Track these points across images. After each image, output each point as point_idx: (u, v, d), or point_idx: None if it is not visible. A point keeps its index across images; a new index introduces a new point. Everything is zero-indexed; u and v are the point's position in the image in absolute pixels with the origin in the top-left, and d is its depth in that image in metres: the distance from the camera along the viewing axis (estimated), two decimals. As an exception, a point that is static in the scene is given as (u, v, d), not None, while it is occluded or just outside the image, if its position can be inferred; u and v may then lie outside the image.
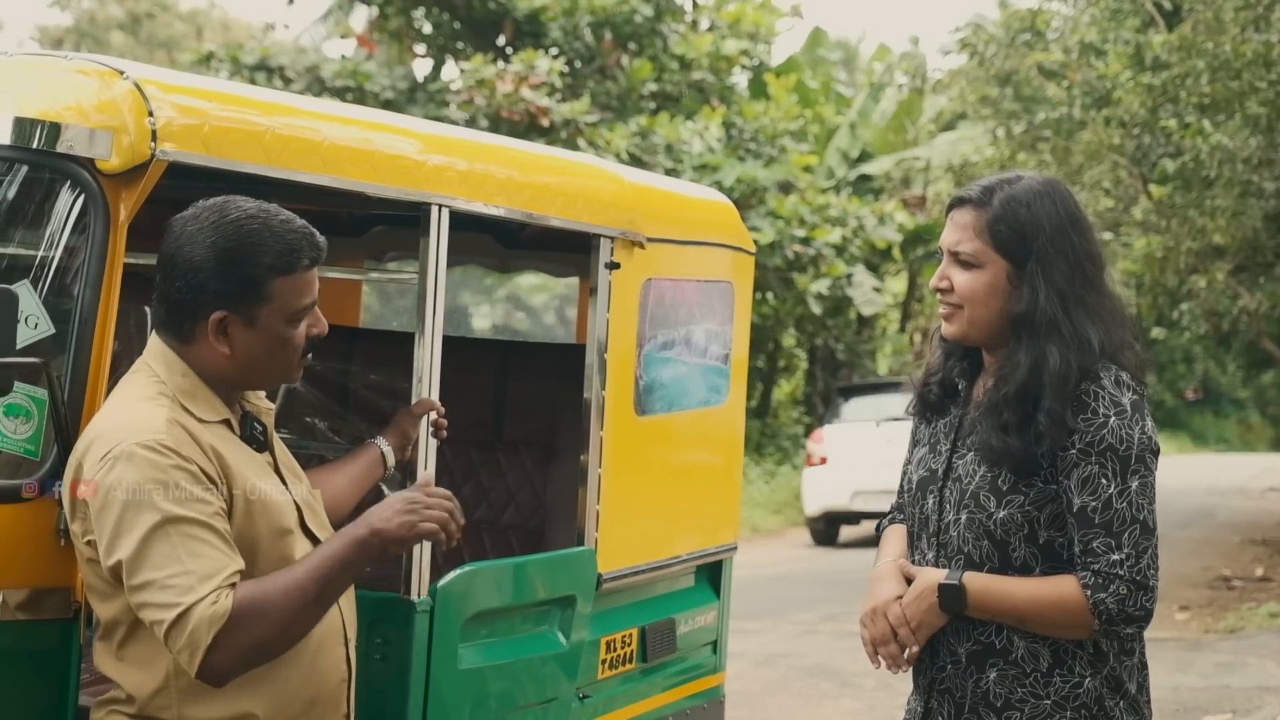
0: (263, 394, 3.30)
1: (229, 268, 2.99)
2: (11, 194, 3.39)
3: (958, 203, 3.23)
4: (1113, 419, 3.04)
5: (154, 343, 3.09)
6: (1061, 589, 3.06)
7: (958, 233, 3.19)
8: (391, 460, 3.80)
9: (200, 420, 3.01)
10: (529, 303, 25.44)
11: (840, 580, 14.20)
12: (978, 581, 3.12)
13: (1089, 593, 3.02)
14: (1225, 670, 10.21)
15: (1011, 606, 3.10)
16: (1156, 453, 3.13)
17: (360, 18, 23.23)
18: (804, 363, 25.42)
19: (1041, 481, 3.10)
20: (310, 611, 2.94)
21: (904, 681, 3.45)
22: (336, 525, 3.43)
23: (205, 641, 2.80)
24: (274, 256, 3.01)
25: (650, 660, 4.94)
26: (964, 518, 3.15)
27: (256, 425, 3.17)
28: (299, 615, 2.91)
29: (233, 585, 2.85)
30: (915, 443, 3.38)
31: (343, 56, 21.65)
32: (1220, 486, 25.55)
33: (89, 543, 2.94)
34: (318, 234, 3.11)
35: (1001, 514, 3.11)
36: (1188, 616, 12.62)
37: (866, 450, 17.02)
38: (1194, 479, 26.31)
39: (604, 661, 4.71)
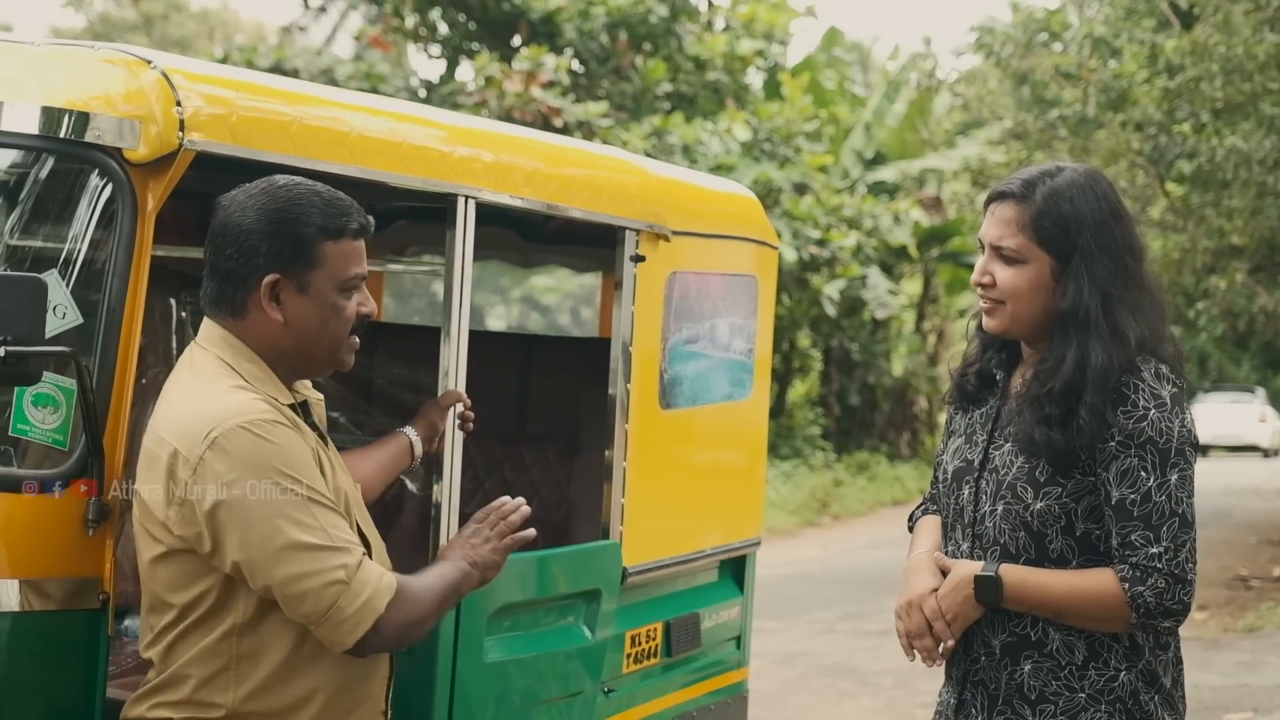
0: (310, 385, 3.29)
1: (280, 229, 3.00)
2: (40, 183, 3.38)
3: (999, 196, 3.19)
4: (1153, 412, 3.03)
5: (212, 330, 3.07)
6: (1099, 582, 3.04)
7: (1000, 227, 3.16)
8: (420, 451, 3.79)
9: (275, 403, 3.00)
10: (544, 303, 25.43)
11: (857, 580, 14.17)
12: (1014, 574, 3.10)
13: (1127, 586, 3.00)
14: (1245, 669, 10.18)
15: (1048, 599, 3.08)
16: (1196, 446, 3.11)
17: (364, 16, 23.23)
18: (819, 363, 25.39)
19: (1079, 474, 3.08)
20: (438, 615, 3.06)
21: (922, 679, 3.43)
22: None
23: (379, 608, 2.86)
24: (324, 219, 3.02)
25: (674, 655, 4.93)
26: (1000, 509, 3.13)
27: (311, 415, 3.17)
28: (434, 613, 3.03)
29: (380, 568, 2.94)
30: (950, 433, 3.36)
31: (356, 57, 21.66)
32: (1236, 487, 25.46)
33: (170, 529, 2.90)
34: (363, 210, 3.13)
35: (1039, 505, 3.09)
36: (1206, 616, 12.58)
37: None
38: (1209, 479, 26.20)
39: (628, 656, 4.70)
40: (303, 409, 3.14)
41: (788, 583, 13.77)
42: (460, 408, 3.90)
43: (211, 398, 2.93)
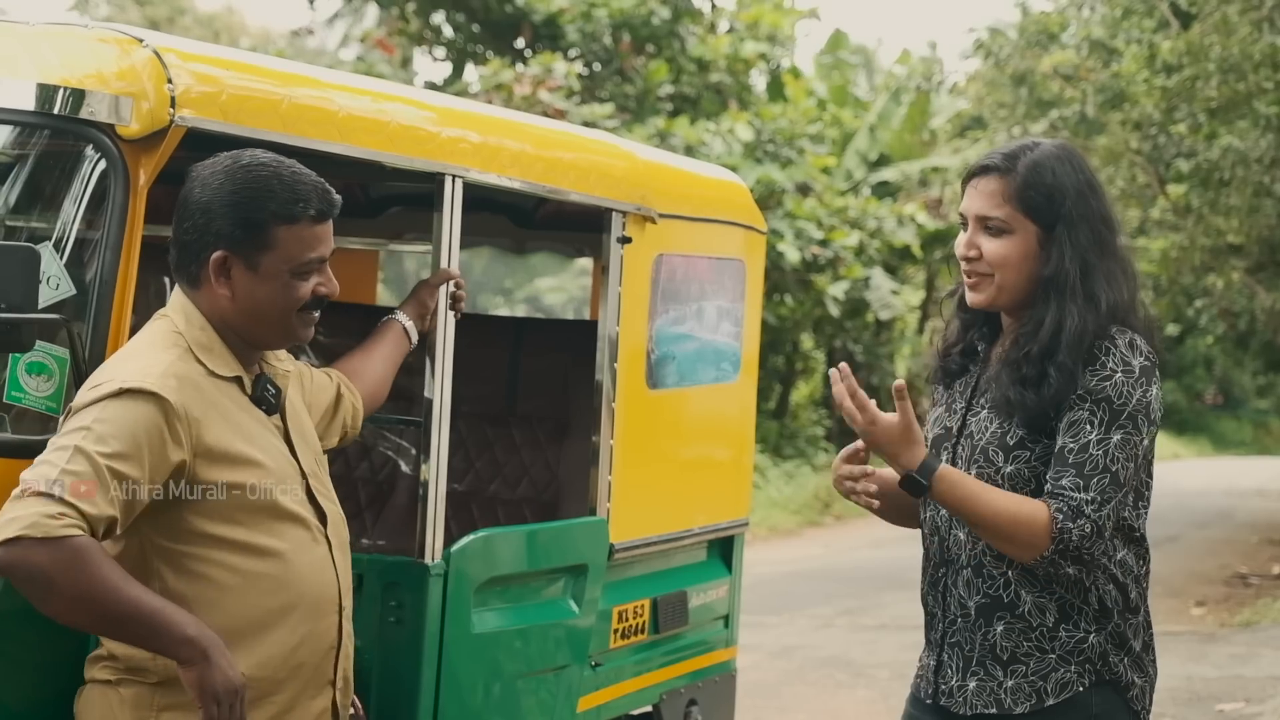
0: (282, 355, 3.34)
1: (233, 210, 3.05)
2: (34, 159, 3.46)
3: (981, 171, 3.27)
4: (1119, 375, 3.11)
5: (176, 295, 3.16)
6: (1028, 510, 3.09)
7: (984, 200, 3.24)
8: (414, 334, 3.83)
9: (211, 374, 3.05)
10: (546, 304, 25.53)
11: (857, 577, 14.23)
12: (949, 477, 3.14)
13: (1059, 519, 3.06)
14: (1239, 661, 10.23)
15: (971, 510, 3.12)
16: (1152, 420, 3.16)
17: (370, 19, 23.31)
18: (822, 365, 25.42)
19: (1047, 438, 3.16)
20: (94, 625, 2.93)
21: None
22: (374, 408, 3.59)
23: (17, 531, 2.78)
24: (279, 204, 3.06)
25: (662, 632, 5.00)
26: (974, 472, 3.21)
27: (269, 388, 3.19)
28: (85, 614, 2.88)
29: (82, 529, 2.81)
30: (933, 404, 3.45)
31: (358, 58, 21.74)
32: (1239, 488, 25.47)
33: None
34: (331, 190, 3.15)
35: (1009, 469, 3.17)
36: (1203, 612, 12.63)
37: None
38: (1212, 481, 26.26)
39: (616, 631, 4.77)
40: (258, 382, 3.17)
41: (788, 580, 13.82)
42: (452, 286, 3.94)
43: (122, 356, 3.05)
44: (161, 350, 3.04)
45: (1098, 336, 3.13)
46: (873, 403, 3.22)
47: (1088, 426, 3.09)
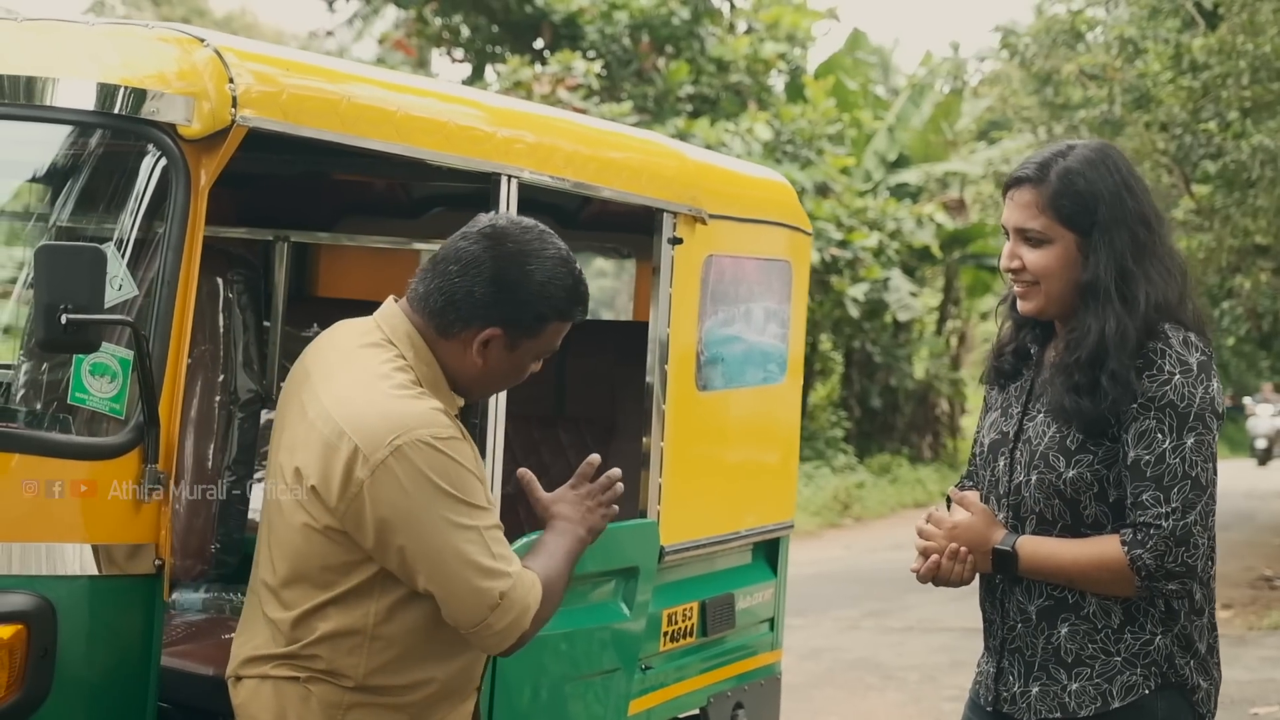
0: None
1: (531, 300, 3.04)
2: (96, 159, 3.46)
3: (1015, 182, 3.27)
4: (1178, 377, 3.09)
5: (400, 321, 3.08)
6: (1104, 548, 3.11)
7: (1020, 212, 3.23)
8: None
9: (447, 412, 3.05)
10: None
11: (881, 579, 14.19)
12: (1028, 545, 3.17)
13: (1127, 549, 3.07)
14: (1271, 664, 10.21)
15: (1058, 566, 3.15)
16: (1219, 415, 3.15)
17: (388, 21, 23.33)
18: (840, 366, 25.41)
19: (1109, 441, 3.14)
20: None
21: (947, 674, 3.49)
22: None
23: (525, 625, 2.98)
24: (566, 304, 3.09)
25: (710, 635, 4.99)
26: (1034, 478, 3.19)
27: (473, 421, 3.29)
28: (560, 600, 3.12)
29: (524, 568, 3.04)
30: (987, 408, 3.43)
31: (379, 60, 21.76)
32: (1259, 490, 25.41)
33: (332, 512, 2.93)
34: None
35: (1071, 474, 3.15)
36: (1231, 614, 12.59)
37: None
38: (1232, 483, 26.09)
39: (665, 634, 4.76)
40: (465, 413, 3.20)
41: (811, 581, 13.79)
42: None
43: (395, 399, 2.95)
44: (409, 388, 2.99)
45: (1150, 336, 3.12)
46: (942, 511, 3.31)
47: (1159, 436, 3.08)
